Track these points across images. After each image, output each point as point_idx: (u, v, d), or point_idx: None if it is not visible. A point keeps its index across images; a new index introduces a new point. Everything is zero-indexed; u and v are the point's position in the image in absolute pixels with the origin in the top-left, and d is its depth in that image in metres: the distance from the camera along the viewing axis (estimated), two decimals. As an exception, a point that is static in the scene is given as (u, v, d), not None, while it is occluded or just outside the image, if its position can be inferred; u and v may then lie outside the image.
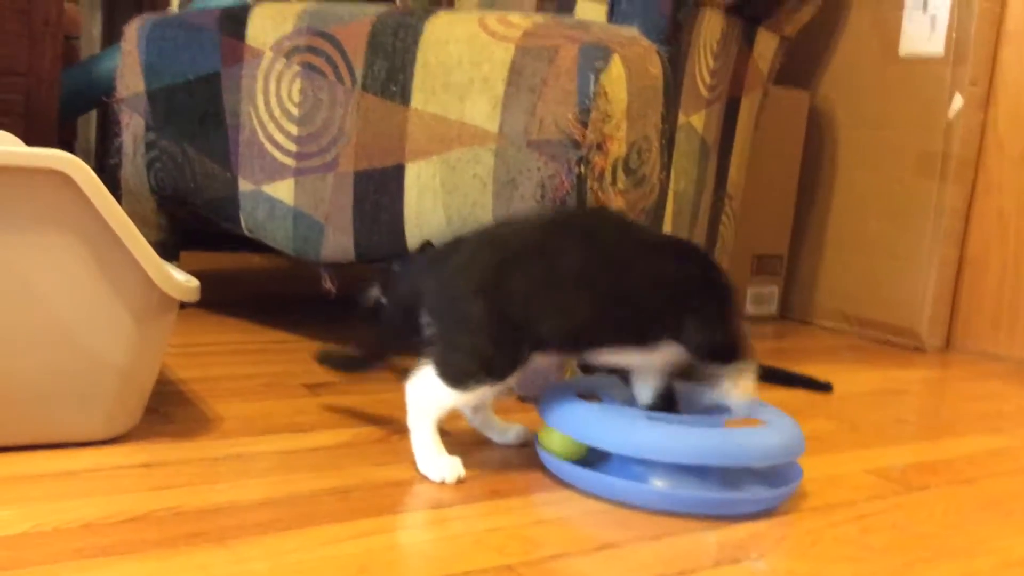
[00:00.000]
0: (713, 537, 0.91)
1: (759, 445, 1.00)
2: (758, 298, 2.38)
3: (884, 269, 2.22)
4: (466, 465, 1.01)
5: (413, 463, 1.03)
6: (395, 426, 1.16)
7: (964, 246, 2.17)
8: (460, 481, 0.99)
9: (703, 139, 1.70)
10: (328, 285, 1.55)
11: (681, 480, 0.99)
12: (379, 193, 1.44)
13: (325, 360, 1.17)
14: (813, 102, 2.37)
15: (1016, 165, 2.09)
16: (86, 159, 2.18)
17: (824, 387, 1.61)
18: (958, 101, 2.09)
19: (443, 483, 0.98)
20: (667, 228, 1.59)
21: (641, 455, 0.98)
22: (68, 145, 2.34)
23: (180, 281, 1.01)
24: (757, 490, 1.03)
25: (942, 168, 2.11)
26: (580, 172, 1.30)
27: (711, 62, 1.66)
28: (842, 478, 1.14)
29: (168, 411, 1.14)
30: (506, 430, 1.13)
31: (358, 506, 0.90)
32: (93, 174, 0.94)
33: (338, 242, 1.49)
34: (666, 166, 1.52)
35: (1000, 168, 2.11)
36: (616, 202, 1.34)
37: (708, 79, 1.67)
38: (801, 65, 2.35)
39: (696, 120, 1.66)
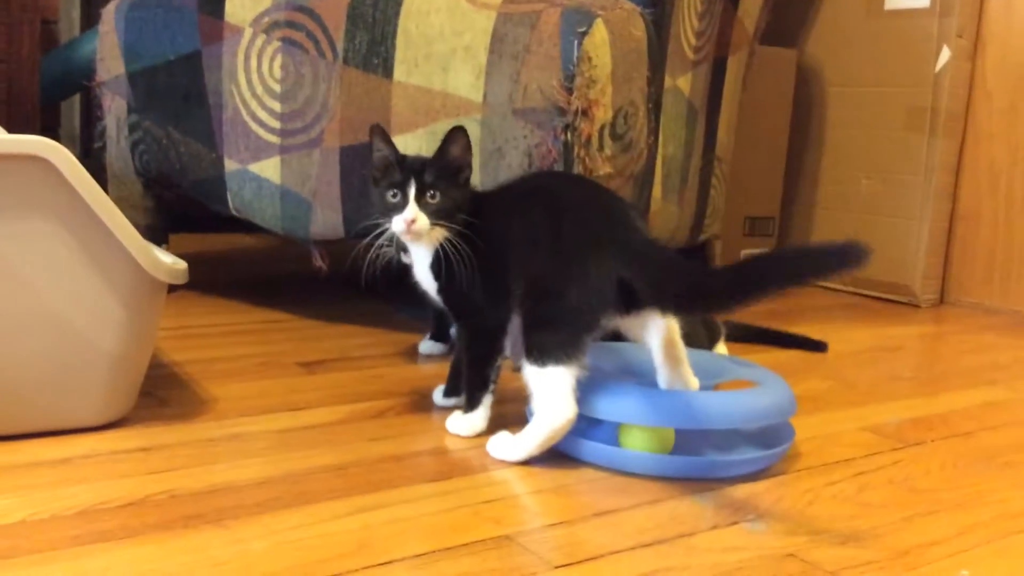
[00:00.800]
0: (710, 500, 0.91)
1: (748, 407, 1.00)
2: (751, 260, 2.37)
3: (876, 226, 2.22)
4: (461, 437, 1.01)
5: (410, 437, 1.03)
6: (390, 401, 1.16)
7: (956, 200, 2.16)
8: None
9: (690, 102, 1.69)
10: (319, 262, 1.54)
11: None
12: (365, 168, 1.43)
13: None
14: (800, 60, 2.35)
15: (1005, 116, 2.08)
16: (71, 144, 2.16)
17: (819, 346, 1.61)
18: (945, 54, 2.08)
19: None
20: (657, 192, 1.58)
21: (628, 421, 0.98)
22: (52, 131, 2.32)
23: (168, 264, 1.00)
24: (748, 451, 1.03)
25: (931, 122, 2.10)
26: (566, 139, 1.29)
27: (696, 23, 1.65)
28: (838, 436, 1.14)
29: (163, 394, 1.14)
30: None
31: (356, 482, 0.90)
32: (74, 159, 0.93)
33: (327, 219, 1.48)
34: (653, 130, 1.51)
35: (989, 120, 2.11)
36: (604, 168, 1.33)
37: (693, 40, 1.65)
38: (787, 23, 2.33)
39: (683, 82, 1.64)
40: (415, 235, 1.00)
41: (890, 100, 2.18)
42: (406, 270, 1.10)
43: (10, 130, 1.27)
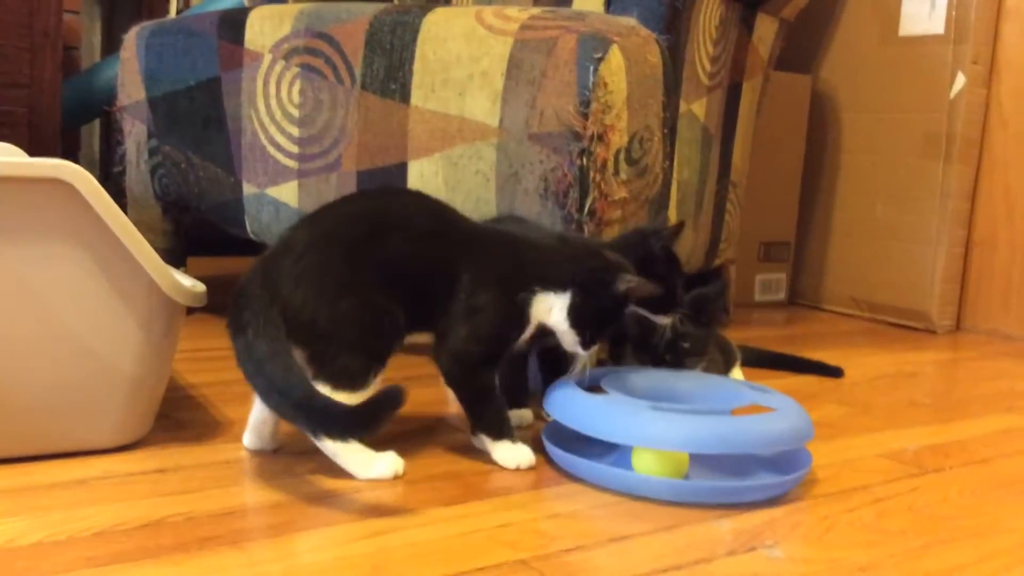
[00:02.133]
0: (727, 526, 0.91)
1: (765, 432, 0.99)
2: (766, 285, 2.37)
3: (892, 252, 2.21)
4: (477, 460, 1.01)
5: (425, 460, 1.03)
6: (407, 425, 1.16)
7: (971, 226, 2.16)
8: (397, 476, 0.97)
9: (705, 127, 1.69)
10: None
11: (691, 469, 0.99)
12: (382, 192, 1.44)
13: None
14: (815, 86, 2.36)
15: (1021, 142, 2.08)
16: (91, 168, 2.19)
17: (835, 372, 1.61)
18: (960, 80, 2.08)
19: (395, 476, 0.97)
20: (672, 217, 1.58)
21: (647, 445, 0.97)
22: (72, 155, 2.34)
23: (186, 286, 1.01)
24: (765, 477, 1.03)
25: (946, 148, 2.10)
26: (582, 164, 1.30)
27: (711, 48, 1.66)
28: (856, 462, 1.14)
29: (179, 417, 1.14)
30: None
31: (371, 505, 0.90)
32: (95, 182, 0.94)
33: (343, 242, 1.49)
34: (669, 155, 1.52)
35: (1005, 146, 2.10)
36: (619, 192, 1.34)
37: (708, 66, 1.66)
38: (801, 49, 2.34)
39: (698, 108, 1.65)
40: None
41: (905, 126, 2.18)
42: None
43: (32, 154, 1.29)
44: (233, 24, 1.59)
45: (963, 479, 1.10)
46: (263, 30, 1.55)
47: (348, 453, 0.95)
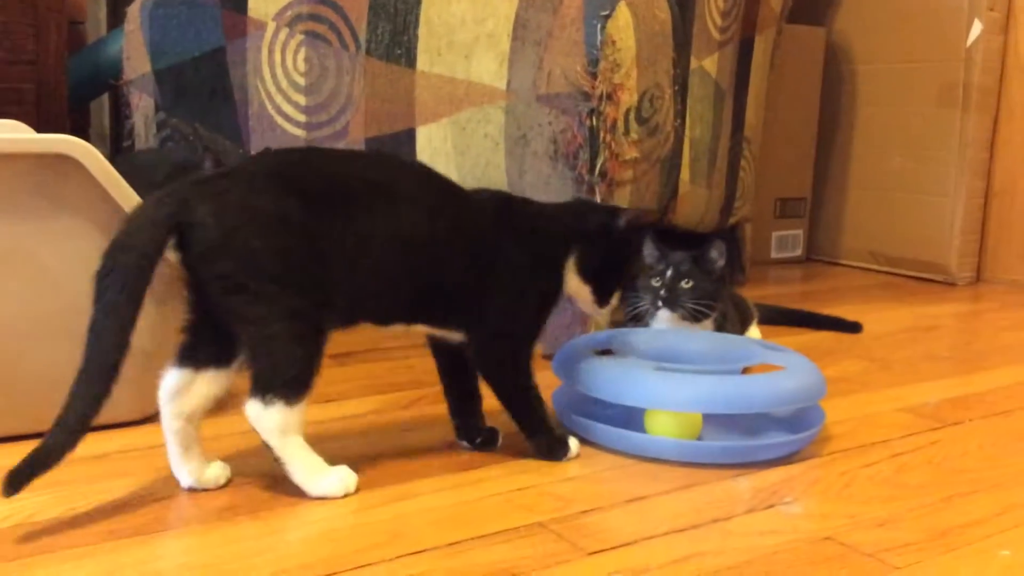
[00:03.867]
0: (745, 484, 0.91)
1: (774, 390, 0.99)
2: (783, 241, 2.35)
3: (909, 205, 2.19)
4: (491, 425, 1.01)
5: (441, 427, 1.03)
6: (422, 391, 1.16)
7: (990, 176, 2.12)
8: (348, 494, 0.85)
9: (717, 83, 1.67)
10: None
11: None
12: (392, 159, 1.43)
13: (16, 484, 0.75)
14: (829, 38, 2.32)
15: (1041, 89, 2.04)
16: (101, 143, 2.19)
17: (853, 327, 1.59)
18: (977, 27, 2.04)
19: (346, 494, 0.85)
20: (685, 175, 1.57)
21: (652, 407, 0.97)
22: (82, 130, 2.34)
23: (196, 259, 1.01)
24: (778, 435, 1.02)
25: (964, 98, 2.07)
26: (592, 124, 1.28)
27: (721, 3, 1.63)
28: (875, 417, 1.13)
29: (195, 389, 1.14)
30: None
31: (388, 472, 0.91)
32: (102, 157, 0.94)
33: (354, 211, 1.48)
34: (680, 113, 1.50)
35: (1023, 93, 2.07)
36: (630, 152, 1.32)
37: (719, 20, 1.63)
38: (815, 1, 2.30)
39: (709, 64, 1.63)
40: None
41: (921, 76, 2.15)
42: None
43: (40, 130, 1.28)
44: (236, -7, 1.57)
45: (983, 432, 1.09)
46: (266, -2, 1.54)
47: (298, 464, 0.83)
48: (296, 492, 0.84)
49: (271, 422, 0.81)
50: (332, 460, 0.93)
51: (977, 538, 0.80)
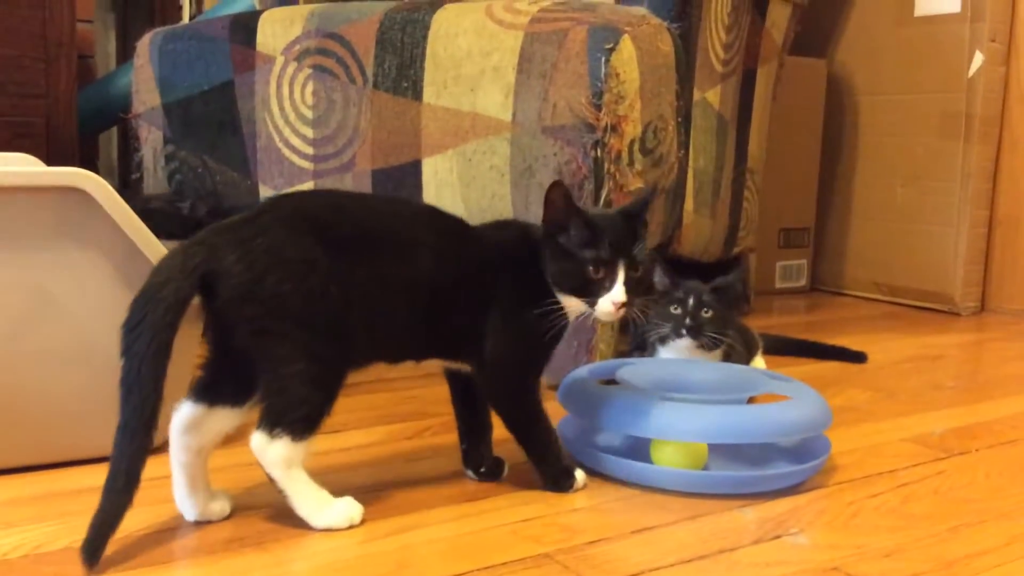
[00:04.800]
0: (751, 515, 0.90)
1: (780, 420, 0.99)
2: (787, 271, 2.36)
3: (913, 235, 2.19)
4: (497, 456, 1.01)
5: (447, 458, 1.03)
6: (426, 422, 1.17)
7: (994, 206, 2.13)
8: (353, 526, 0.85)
9: (720, 114, 1.68)
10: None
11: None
12: (398, 190, 1.44)
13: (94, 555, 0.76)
14: (830, 70, 2.34)
15: (1042, 120, 2.05)
16: (109, 176, 2.20)
17: (858, 357, 1.60)
18: (978, 58, 2.06)
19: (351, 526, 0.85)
20: (689, 206, 1.57)
21: (658, 437, 0.97)
22: (91, 163, 2.36)
23: (204, 290, 1.02)
24: (784, 466, 1.02)
25: (966, 128, 2.08)
26: (596, 155, 1.29)
27: (724, 35, 1.64)
28: (881, 447, 1.13)
29: (202, 420, 1.15)
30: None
31: (394, 503, 0.91)
32: (112, 190, 0.95)
33: (360, 242, 1.49)
34: (684, 144, 1.51)
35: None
36: (635, 183, 1.33)
37: (721, 53, 1.65)
38: (816, 33, 2.32)
39: (712, 95, 1.64)
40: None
41: (923, 107, 2.16)
42: None
43: (50, 163, 1.30)
44: (245, 27, 1.59)
45: (989, 461, 1.09)
46: (275, 32, 1.56)
47: (301, 496, 0.84)
48: (303, 524, 0.84)
49: (275, 455, 0.81)
50: (336, 491, 0.93)
51: (984, 568, 0.80)
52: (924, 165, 2.17)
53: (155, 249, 0.96)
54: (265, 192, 1.59)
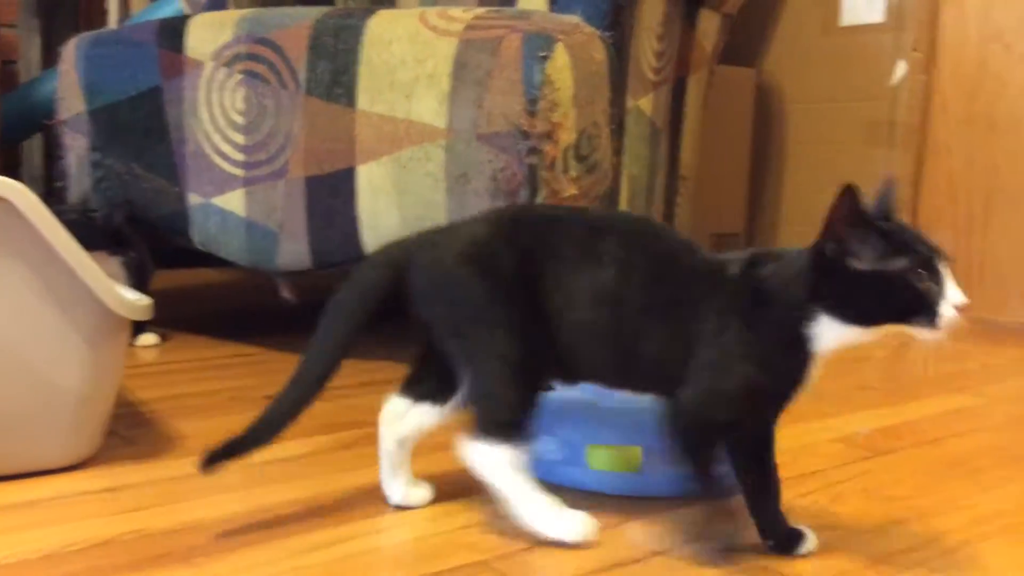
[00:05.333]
0: (684, 517, 0.91)
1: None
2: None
3: (841, 239, 2.24)
4: (432, 462, 1.01)
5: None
6: (363, 431, 1.15)
7: (916, 213, 2.19)
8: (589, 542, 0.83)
9: (652, 122, 1.70)
10: (286, 293, 1.54)
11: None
12: (332, 197, 1.43)
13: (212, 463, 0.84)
14: (759, 78, 2.39)
15: (962, 127, 2.12)
16: (34, 184, 2.15)
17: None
18: (901, 67, 2.12)
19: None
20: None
21: (592, 440, 0.97)
22: (14, 171, 2.30)
23: (131, 300, 0.99)
24: (718, 468, 1.02)
25: (889, 135, 2.14)
26: (532, 162, 1.30)
27: (655, 44, 1.67)
28: (810, 448, 1.15)
29: (129, 433, 1.12)
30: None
31: (329, 514, 0.90)
32: (36, 199, 0.92)
33: (293, 250, 1.48)
34: (617, 151, 1.53)
35: (947, 131, 2.14)
36: (569, 190, 1.34)
37: (654, 61, 1.67)
38: (745, 42, 2.37)
39: (644, 103, 1.66)
40: None
41: (849, 115, 2.22)
42: None
43: (-31, 171, 1.25)
44: (173, 32, 1.56)
45: (915, 460, 1.12)
46: (204, 37, 1.53)
47: (525, 504, 0.83)
48: (232, 538, 0.83)
49: (492, 461, 0.82)
50: (269, 504, 0.92)
51: (912, 564, 0.82)
52: (850, 172, 2.21)
53: (80, 258, 0.94)
54: (194, 200, 1.56)
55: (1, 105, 1.98)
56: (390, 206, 1.38)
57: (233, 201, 1.52)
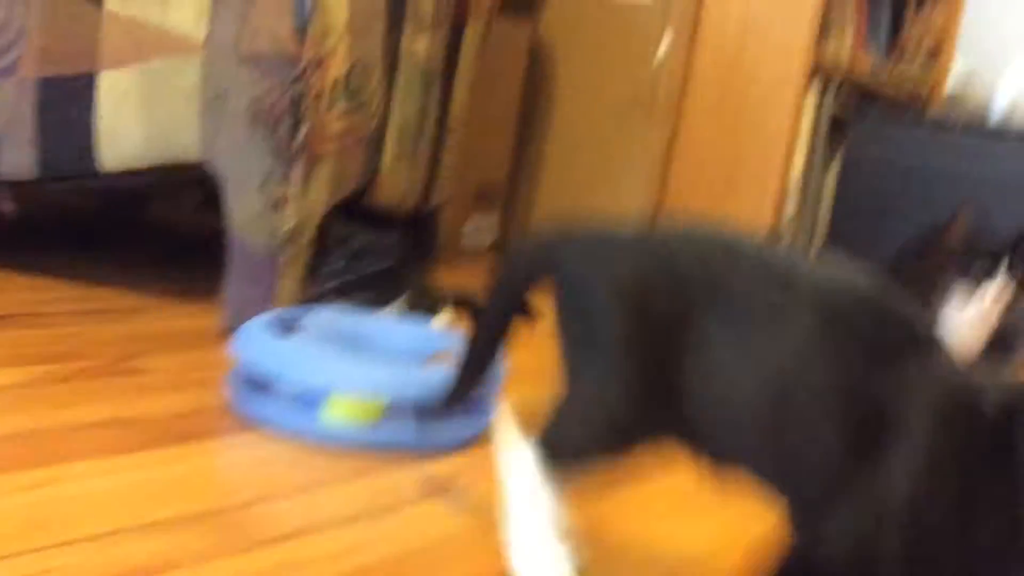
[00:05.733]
0: (419, 471, 0.91)
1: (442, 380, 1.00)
2: (477, 229, 2.42)
3: (596, 207, 2.33)
4: (153, 405, 0.94)
5: (103, 403, 0.94)
6: (83, 363, 1.06)
7: (664, 191, 2.31)
8: None
9: (426, 67, 1.67)
10: (6, 205, 1.39)
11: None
12: (67, 103, 1.29)
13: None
14: (535, 34, 2.41)
15: (712, 112, 2.25)
16: None
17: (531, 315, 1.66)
18: (664, 47, 2.21)
19: None
20: (387, 157, 1.55)
21: (332, 389, 0.95)
22: None
23: None
24: (457, 422, 1.03)
25: (647, 113, 2.23)
26: (296, 91, 1.23)
27: (436, -14, 1.63)
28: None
29: None
30: None
31: (38, 453, 0.81)
32: None
33: (18, 157, 1.33)
34: (388, 91, 1.49)
35: (698, 115, 2.26)
36: (335, 126, 1.29)
37: (432, 3, 1.64)
38: (525, -2, 2.38)
39: (419, 46, 1.62)
40: None
41: (613, 85, 2.29)
42: None
43: None
44: None
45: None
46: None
47: (525, 535, 0.72)
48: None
49: (528, 476, 0.71)
50: (-35, 439, 0.83)
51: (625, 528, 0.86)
52: (608, 140, 2.30)
53: None
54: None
55: None
56: (134, 121, 1.27)
57: (-53, 93, 1.34)
